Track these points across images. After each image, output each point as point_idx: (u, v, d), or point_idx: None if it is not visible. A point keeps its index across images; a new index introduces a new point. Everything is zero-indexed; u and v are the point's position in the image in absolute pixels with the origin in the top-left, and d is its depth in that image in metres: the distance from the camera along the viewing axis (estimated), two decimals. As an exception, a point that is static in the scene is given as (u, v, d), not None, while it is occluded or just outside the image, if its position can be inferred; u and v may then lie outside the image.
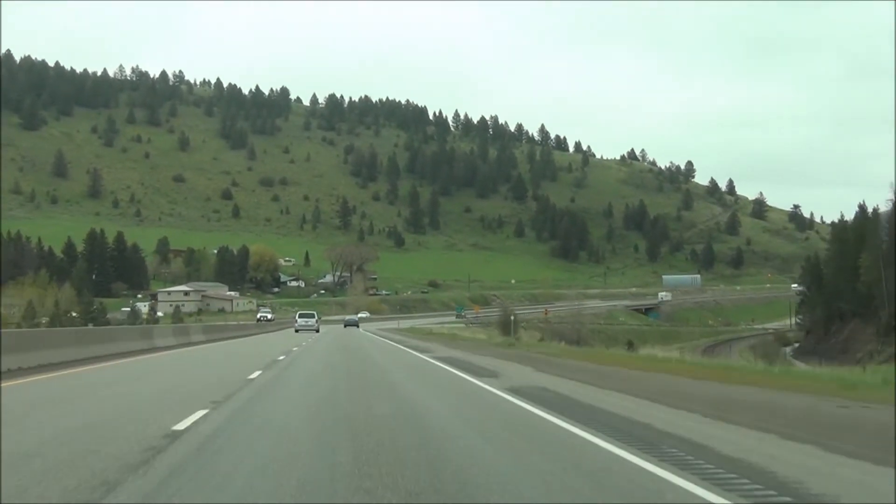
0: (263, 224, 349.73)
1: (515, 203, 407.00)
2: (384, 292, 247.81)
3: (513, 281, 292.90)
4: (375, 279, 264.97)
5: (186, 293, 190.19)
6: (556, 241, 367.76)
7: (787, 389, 19.18)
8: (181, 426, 11.94)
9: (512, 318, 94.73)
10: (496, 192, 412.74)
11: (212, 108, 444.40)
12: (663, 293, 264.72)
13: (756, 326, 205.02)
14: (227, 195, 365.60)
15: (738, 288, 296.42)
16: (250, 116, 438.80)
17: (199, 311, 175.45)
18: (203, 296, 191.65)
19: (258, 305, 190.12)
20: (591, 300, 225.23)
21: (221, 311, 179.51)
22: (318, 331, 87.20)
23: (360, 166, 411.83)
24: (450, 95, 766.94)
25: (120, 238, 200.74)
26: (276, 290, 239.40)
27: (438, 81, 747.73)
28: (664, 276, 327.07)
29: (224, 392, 17.26)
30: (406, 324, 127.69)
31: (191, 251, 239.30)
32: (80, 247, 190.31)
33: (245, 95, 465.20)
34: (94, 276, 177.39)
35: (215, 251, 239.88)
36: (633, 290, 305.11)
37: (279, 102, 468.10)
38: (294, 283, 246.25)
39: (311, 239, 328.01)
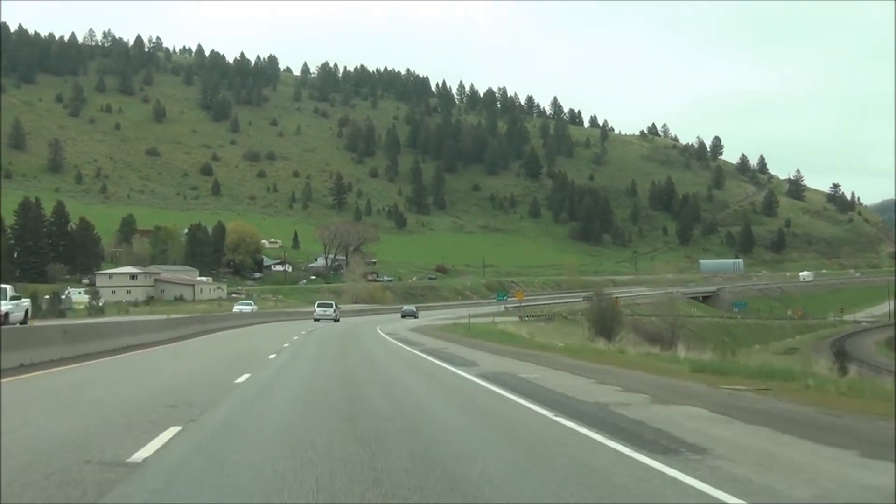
0: (247, 202, 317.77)
1: (529, 181, 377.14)
2: (386, 278, 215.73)
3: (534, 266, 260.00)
4: (375, 263, 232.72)
5: (133, 276, 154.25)
6: (577, 222, 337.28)
7: None
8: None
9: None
10: (507, 169, 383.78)
11: (191, 76, 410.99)
12: (719, 279, 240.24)
13: (849, 318, 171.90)
14: (206, 170, 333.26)
15: (805, 274, 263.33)
16: (234, 86, 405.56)
17: (150, 300, 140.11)
18: (157, 280, 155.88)
19: (230, 293, 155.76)
20: (632, 287, 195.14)
21: (179, 298, 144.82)
22: (337, 320, 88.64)
23: (356, 140, 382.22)
24: (454, 66, 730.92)
25: (60, 210, 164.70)
26: (257, 275, 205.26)
27: (441, 51, 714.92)
28: (702, 262, 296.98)
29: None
30: (430, 317, 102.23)
31: (158, 230, 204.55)
32: (10, 220, 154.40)
33: (229, 63, 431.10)
34: (15, 255, 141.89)
35: (186, 230, 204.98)
36: (670, 276, 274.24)
37: (266, 71, 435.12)
38: (279, 268, 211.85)
39: (302, 219, 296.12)
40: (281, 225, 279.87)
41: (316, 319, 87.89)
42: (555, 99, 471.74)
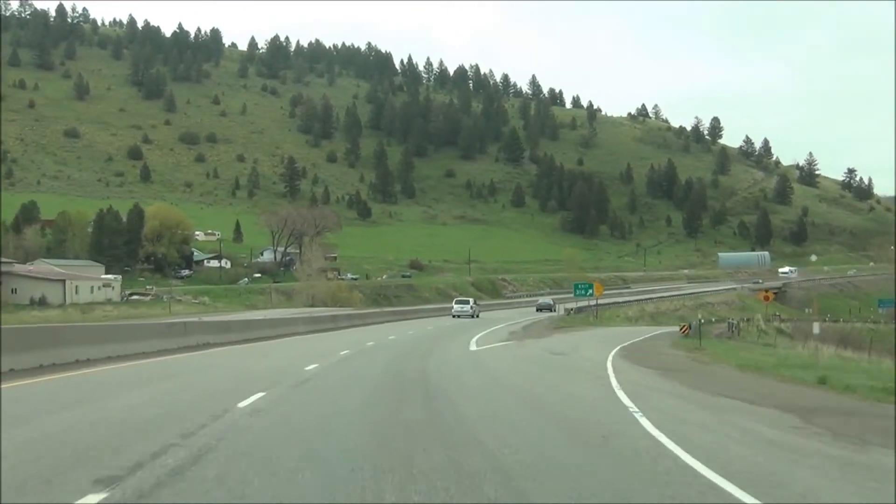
0: (182, 190, 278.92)
1: (509, 166, 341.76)
2: (350, 276, 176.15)
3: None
4: (336, 259, 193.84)
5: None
6: (568, 211, 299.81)
7: None
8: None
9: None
10: (484, 153, 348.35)
11: (121, 49, 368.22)
12: (786, 269, 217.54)
13: None
14: (135, 154, 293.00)
15: (872, 265, 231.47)
16: (171, 61, 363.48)
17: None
18: (4, 273, 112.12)
19: (129, 295, 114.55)
20: (650, 284, 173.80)
21: (39, 302, 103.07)
22: (476, 316, 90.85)
23: (310, 121, 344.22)
24: (420, 42, 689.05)
25: None
26: (185, 272, 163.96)
27: (405, 26, 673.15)
28: (721, 255, 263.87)
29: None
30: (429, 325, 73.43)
31: (60, 217, 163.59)
32: None
33: (165, 37, 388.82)
34: None
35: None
36: (687, 271, 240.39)
37: (209, 45, 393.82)
38: (214, 264, 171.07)
39: (247, 208, 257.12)
40: (221, 215, 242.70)
41: (455, 316, 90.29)
42: (533, 78, 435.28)
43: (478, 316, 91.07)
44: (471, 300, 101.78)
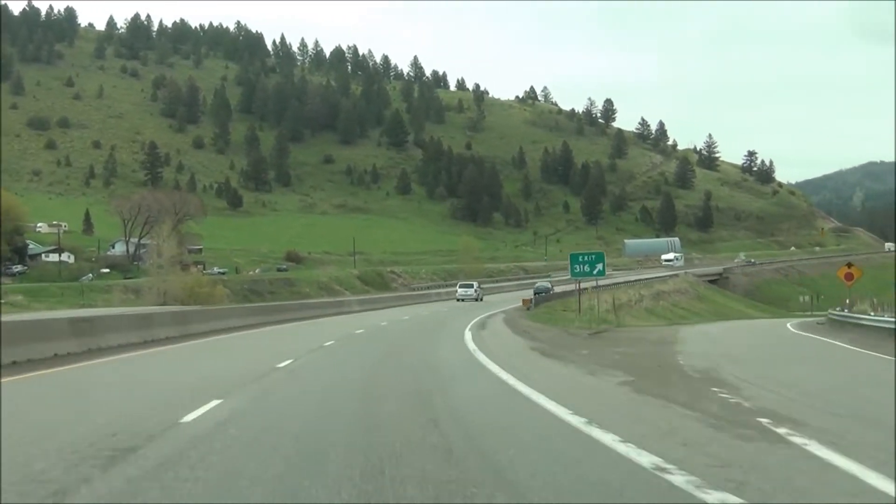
0: (29, 179, 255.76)
1: (393, 150, 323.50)
2: (217, 270, 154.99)
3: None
4: (201, 251, 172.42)
5: None
6: (458, 198, 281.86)
7: None
8: None
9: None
10: (365, 137, 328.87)
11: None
12: (742, 255, 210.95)
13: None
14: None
15: (818, 249, 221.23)
16: (19, 40, 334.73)
17: None
18: None
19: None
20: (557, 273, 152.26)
21: None
22: (480, 299, 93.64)
23: (175, 104, 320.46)
24: (293, 23, 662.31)
25: None
26: (18, 268, 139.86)
27: (277, 4, 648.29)
28: (627, 242, 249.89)
29: None
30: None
31: None
32: None
33: (12, 15, 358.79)
34: None
35: None
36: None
37: (62, 24, 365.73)
38: (54, 258, 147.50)
39: (102, 199, 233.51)
40: (73, 206, 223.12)
41: (459, 300, 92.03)
42: (415, 59, 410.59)
43: (481, 299, 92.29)
44: (475, 283, 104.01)
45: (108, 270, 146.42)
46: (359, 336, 37.67)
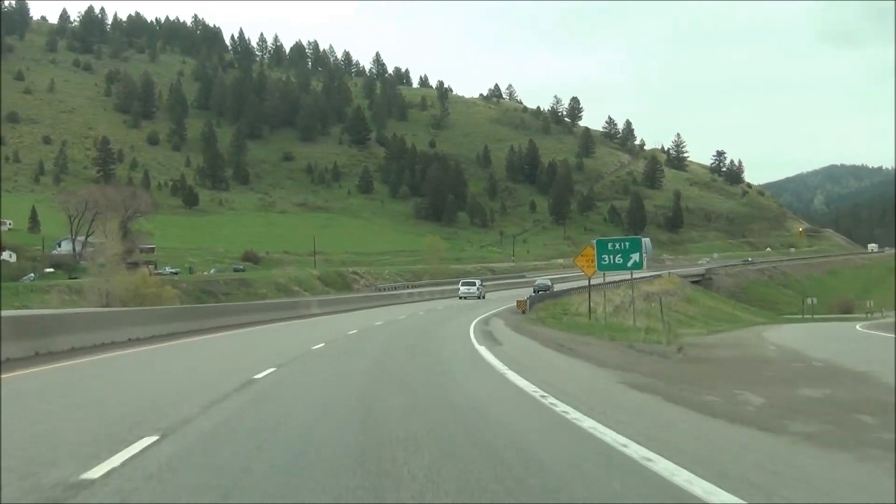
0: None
1: (355, 148, 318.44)
2: (170, 270, 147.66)
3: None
4: (153, 250, 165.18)
5: None
6: (422, 197, 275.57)
7: None
8: None
9: None
10: (326, 134, 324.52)
11: None
12: (711, 256, 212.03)
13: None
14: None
15: (793, 250, 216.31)
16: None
17: None
18: None
19: None
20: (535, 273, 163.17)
21: None
22: (482, 297, 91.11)
23: (129, 100, 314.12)
24: (252, 18, 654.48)
25: None
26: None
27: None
28: (598, 241, 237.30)
29: None
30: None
31: None
32: None
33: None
34: None
35: None
36: (562, 261, 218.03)
37: (12, 16, 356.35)
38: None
39: (51, 196, 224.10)
40: (21, 204, 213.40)
41: (462, 297, 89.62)
42: (377, 55, 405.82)
43: (483, 297, 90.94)
44: (477, 281, 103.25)
45: (52, 270, 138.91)
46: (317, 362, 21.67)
